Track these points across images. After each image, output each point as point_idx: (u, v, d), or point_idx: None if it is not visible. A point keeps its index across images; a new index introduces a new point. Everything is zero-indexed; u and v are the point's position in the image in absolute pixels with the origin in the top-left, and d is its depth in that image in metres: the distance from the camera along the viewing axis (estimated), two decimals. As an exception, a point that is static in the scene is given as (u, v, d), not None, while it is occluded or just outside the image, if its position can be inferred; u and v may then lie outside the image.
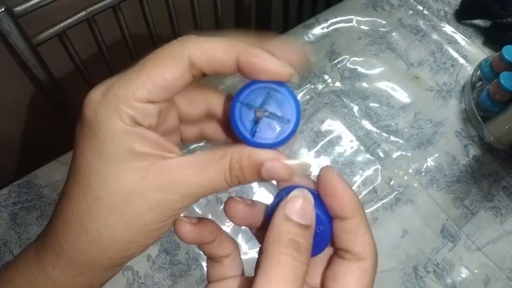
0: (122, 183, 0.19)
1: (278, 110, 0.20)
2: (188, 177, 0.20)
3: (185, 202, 0.20)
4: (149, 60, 0.19)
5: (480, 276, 0.51)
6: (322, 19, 0.70)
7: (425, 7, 0.73)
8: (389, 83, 0.65)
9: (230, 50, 0.19)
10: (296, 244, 0.19)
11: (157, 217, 0.20)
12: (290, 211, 0.20)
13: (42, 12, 0.52)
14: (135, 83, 0.19)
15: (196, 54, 0.19)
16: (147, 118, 0.20)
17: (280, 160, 0.20)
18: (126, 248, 0.21)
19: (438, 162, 0.58)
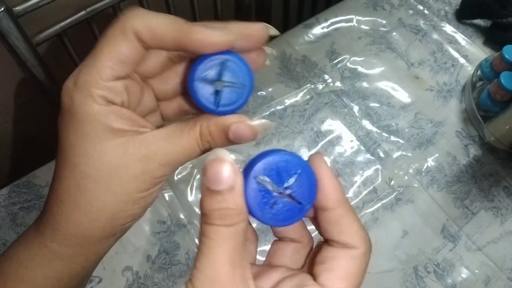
0: (106, 159, 0.21)
1: (233, 77, 0.22)
2: (165, 147, 0.22)
3: (165, 170, 0.22)
4: (103, 41, 0.21)
5: (481, 276, 0.51)
6: (322, 18, 0.70)
7: (426, 7, 0.73)
8: (389, 83, 0.65)
9: (170, 27, 0.21)
10: (222, 212, 0.19)
11: (141, 185, 0.22)
12: (207, 180, 0.20)
13: (41, 12, 0.52)
14: (97, 64, 0.21)
15: (140, 28, 0.21)
16: (118, 96, 0.21)
17: (244, 121, 0.21)
18: (116, 217, 0.22)
19: (439, 162, 0.58)
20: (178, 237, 0.51)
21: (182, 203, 0.53)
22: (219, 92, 0.22)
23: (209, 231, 0.19)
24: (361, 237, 0.22)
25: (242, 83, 0.22)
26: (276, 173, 0.21)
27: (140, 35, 0.21)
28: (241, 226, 0.20)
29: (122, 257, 0.49)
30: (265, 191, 0.21)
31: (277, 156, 0.21)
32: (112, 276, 0.48)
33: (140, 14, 0.21)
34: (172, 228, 0.51)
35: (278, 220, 0.21)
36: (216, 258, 0.19)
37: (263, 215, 0.21)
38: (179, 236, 0.51)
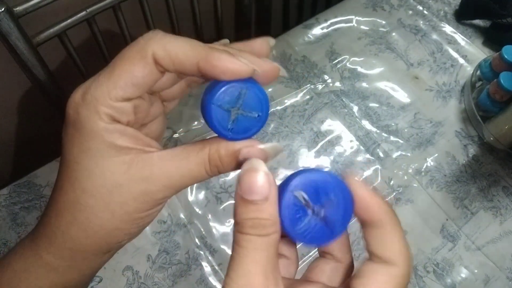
0: (107, 176, 0.21)
1: (249, 107, 0.22)
2: (170, 169, 0.21)
3: (167, 192, 0.22)
4: (119, 60, 0.21)
5: (480, 276, 0.51)
6: (322, 19, 0.70)
7: (425, 7, 0.73)
8: (389, 83, 0.65)
9: (191, 53, 0.21)
10: (255, 221, 0.19)
11: (141, 206, 0.22)
12: (241, 189, 0.20)
13: (42, 12, 0.52)
14: (109, 83, 0.20)
15: (159, 53, 0.20)
16: (124, 116, 0.21)
17: (255, 145, 0.22)
18: (112, 235, 0.22)
19: (438, 162, 0.58)
20: (178, 237, 0.51)
21: (182, 203, 0.53)
22: (235, 120, 0.22)
23: (242, 240, 0.19)
24: (404, 256, 0.21)
25: (258, 113, 0.22)
26: (314, 191, 0.21)
27: (159, 60, 0.20)
28: (274, 237, 0.20)
29: (122, 257, 0.49)
30: (300, 206, 0.21)
31: (318, 174, 0.21)
32: (113, 276, 0.48)
33: (161, 38, 0.21)
34: (172, 228, 0.51)
35: (305, 238, 0.21)
36: (250, 268, 0.19)
37: (293, 229, 0.21)
38: (179, 235, 0.51)
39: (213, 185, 0.54)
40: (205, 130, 0.58)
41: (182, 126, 0.57)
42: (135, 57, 0.21)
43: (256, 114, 0.22)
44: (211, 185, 0.54)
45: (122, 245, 0.24)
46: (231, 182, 0.54)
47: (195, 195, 0.53)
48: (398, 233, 0.21)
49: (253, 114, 0.22)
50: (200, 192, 0.54)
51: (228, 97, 0.21)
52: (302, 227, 0.21)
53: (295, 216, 0.21)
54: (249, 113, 0.22)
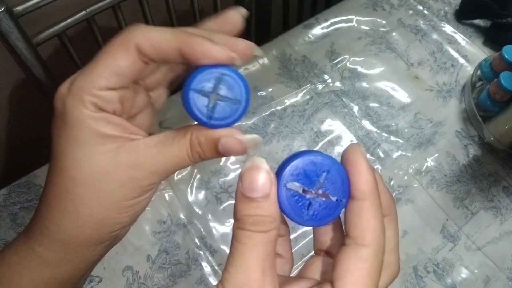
0: (95, 164, 0.21)
1: (229, 92, 0.22)
2: (155, 155, 0.22)
3: (153, 178, 0.22)
4: (103, 52, 0.21)
5: (480, 276, 0.51)
6: (322, 19, 0.70)
7: (425, 7, 0.73)
8: (389, 83, 0.65)
9: (172, 39, 0.21)
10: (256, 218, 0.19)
11: (128, 193, 0.22)
12: (243, 187, 0.20)
13: (41, 12, 0.52)
14: (93, 73, 0.21)
15: (142, 42, 0.21)
16: (109, 104, 0.22)
17: (234, 135, 0.22)
18: (103, 225, 0.23)
19: (438, 162, 0.58)
20: (178, 237, 0.51)
21: (182, 203, 0.53)
22: (214, 106, 0.22)
23: (242, 236, 0.20)
24: (374, 234, 0.20)
25: (238, 99, 0.22)
26: (305, 176, 0.21)
27: (142, 48, 0.21)
28: (273, 234, 0.20)
29: (122, 257, 0.49)
30: (298, 195, 0.21)
31: (302, 158, 0.21)
32: (112, 276, 0.48)
33: (142, 28, 0.21)
34: (172, 228, 0.51)
35: (317, 220, 0.21)
36: (248, 264, 0.19)
37: (301, 218, 0.21)
38: (179, 236, 0.51)
39: (213, 185, 0.54)
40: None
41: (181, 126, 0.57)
42: (118, 48, 0.21)
43: (236, 100, 0.22)
44: (211, 185, 0.54)
45: (115, 236, 0.24)
46: (231, 182, 0.54)
47: (195, 195, 0.53)
48: (376, 211, 0.20)
49: (232, 100, 0.22)
50: (200, 192, 0.54)
51: (206, 82, 0.21)
52: (308, 212, 0.21)
53: (297, 206, 0.21)
54: (229, 99, 0.22)
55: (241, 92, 0.22)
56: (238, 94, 0.22)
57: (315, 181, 0.21)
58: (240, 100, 0.22)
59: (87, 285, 0.47)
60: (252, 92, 0.61)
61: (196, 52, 0.21)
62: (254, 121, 0.59)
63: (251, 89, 0.62)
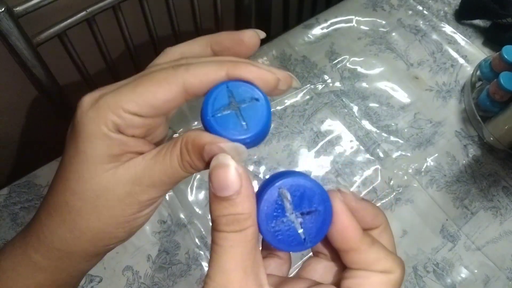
0: (96, 181, 0.21)
1: (247, 115, 0.21)
2: (151, 168, 0.21)
3: (151, 192, 0.22)
4: (144, 79, 0.21)
5: (480, 276, 0.51)
6: (322, 19, 0.70)
7: (425, 7, 0.73)
8: (389, 83, 0.65)
9: (220, 70, 0.21)
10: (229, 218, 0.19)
11: (127, 208, 0.22)
12: (213, 187, 0.19)
13: (42, 12, 0.52)
14: (127, 95, 0.20)
15: (190, 80, 0.20)
16: (131, 129, 0.21)
17: (217, 143, 0.21)
18: (99, 238, 0.22)
19: (438, 162, 0.58)
20: (178, 237, 0.51)
21: (182, 203, 0.53)
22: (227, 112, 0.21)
23: (218, 238, 0.19)
24: (394, 261, 0.21)
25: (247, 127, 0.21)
26: (300, 196, 0.20)
27: (190, 89, 0.20)
28: (250, 231, 0.19)
29: (123, 256, 0.49)
30: (280, 206, 0.20)
31: (309, 182, 0.20)
32: (113, 276, 0.48)
33: (188, 67, 0.21)
34: (172, 228, 0.51)
35: (274, 239, 0.20)
36: (227, 265, 0.19)
37: (265, 225, 0.20)
38: (179, 235, 0.51)
39: (213, 185, 0.54)
40: (205, 130, 0.58)
41: (183, 126, 0.57)
42: (162, 80, 0.20)
43: (245, 124, 0.21)
44: (211, 185, 0.54)
45: (110, 249, 0.24)
46: (231, 182, 0.54)
47: (195, 195, 0.54)
48: (376, 244, 0.21)
49: (242, 122, 0.21)
50: (200, 192, 0.54)
51: (241, 92, 0.21)
52: (274, 226, 0.20)
53: (272, 213, 0.20)
54: (241, 118, 0.21)
55: (257, 124, 0.21)
56: (252, 124, 0.21)
57: (303, 207, 0.20)
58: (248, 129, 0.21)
59: (87, 285, 0.47)
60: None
61: (244, 77, 0.21)
62: (254, 121, 0.59)
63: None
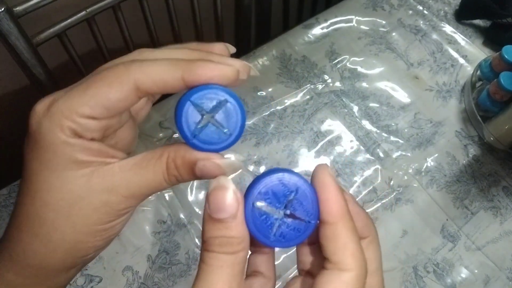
0: (68, 189, 0.20)
1: (224, 120, 0.21)
2: (130, 178, 0.21)
3: (129, 202, 0.22)
4: (95, 80, 0.20)
5: (480, 276, 0.51)
6: (322, 19, 0.70)
7: (425, 7, 0.73)
8: (389, 83, 0.65)
9: (173, 70, 0.20)
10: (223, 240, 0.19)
11: (103, 217, 0.21)
12: (210, 208, 0.19)
13: (42, 12, 0.52)
14: (79, 99, 0.20)
15: (142, 79, 0.20)
16: (89, 132, 0.20)
17: (212, 159, 0.21)
18: (76, 249, 0.22)
19: (438, 162, 0.58)
20: (178, 237, 0.51)
21: (182, 203, 0.53)
22: (204, 126, 0.21)
23: (207, 258, 0.19)
24: (356, 258, 0.20)
25: (230, 132, 0.21)
26: (273, 195, 0.21)
27: (141, 86, 0.20)
28: (241, 255, 0.19)
29: (122, 257, 0.49)
30: (265, 215, 0.20)
31: (270, 177, 0.21)
32: (112, 276, 0.48)
33: (140, 65, 0.20)
34: (172, 228, 0.51)
35: (284, 242, 0.21)
36: (214, 285, 0.19)
37: (268, 239, 0.20)
38: (179, 236, 0.51)
39: (213, 185, 0.54)
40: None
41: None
42: (113, 80, 0.20)
43: (227, 131, 0.21)
44: (211, 185, 0.54)
45: (89, 259, 0.23)
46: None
47: (195, 195, 0.53)
48: (352, 234, 0.20)
49: (223, 128, 0.21)
50: (200, 192, 0.54)
51: (207, 100, 0.20)
52: (275, 233, 0.20)
53: (264, 226, 0.20)
54: (221, 127, 0.21)
55: (236, 125, 0.21)
56: (232, 126, 0.21)
57: (283, 201, 0.21)
58: (231, 133, 0.21)
59: (87, 285, 0.47)
60: (252, 92, 0.61)
61: (202, 77, 0.20)
62: (254, 121, 0.59)
63: (251, 89, 0.62)
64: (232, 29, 0.82)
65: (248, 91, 0.61)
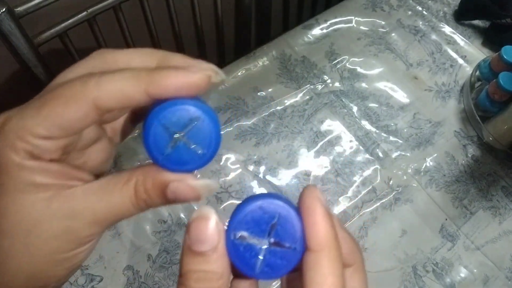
0: (25, 213, 0.19)
1: (196, 138, 0.19)
2: (94, 204, 0.19)
3: (93, 229, 0.20)
4: (51, 98, 0.19)
5: (479, 276, 0.51)
6: (321, 19, 0.71)
7: (424, 8, 0.73)
8: (388, 83, 0.65)
9: (135, 83, 0.18)
10: (200, 274, 0.18)
11: (64, 245, 0.20)
12: (190, 239, 0.18)
13: (43, 13, 0.52)
14: (33, 119, 0.18)
15: (101, 96, 0.18)
16: (46, 153, 0.19)
17: (185, 181, 0.19)
18: (35, 279, 0.20)
19: (437, 162, 0.59)
20: (178, 237, 0.51)
21: (182, 203, 0.53)
22: (174, 146, 0.19)
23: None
24: None
25: (203, 152, 0.19)
26: (254, 224, 0.19)
27: (101, 104, 0.18)
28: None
29: (123, 256, 0.49)
30: (248, 245, 0.19)
31: (250, 205, 0.19)
32: (113, 275, 0.48)
33: (98, 81, 0.18)
34: (173, 228, 0.51)
35: (271, 273, 0.19)
36: None
37: (253, 271, 0.19)
38: (179, 235, 0.51)
39: (213, 185, 0.54)
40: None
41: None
42: (69, 99, 0.18)
43: (200, 150, 0.19)
44: (211, 185, 0.54)
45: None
46: (231, 182, 0.54)
47: (195, 194, 0.54)
48: (333, 267, 0.18)
49: (196, 148, 0.19)
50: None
51: (176, 118, 0.19)
52: (261, 264, 0.19)
53: (247, 258, 0.19)
54: (193, 146, 0.19)
55: (210, 142, 0.19)
56: (205, 144, 0.19)
57: (265, 229, 0.19)
58: (205, 153, 0.19)
59: (88, 284, 0.47)
60: (252, 92, 0.62)
61: (168, 88, 0.18)
62: (254, 121, 0.59)
63: (251, 89, 0.62)
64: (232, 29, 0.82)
65: (248, 91, 0.62)
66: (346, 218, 0.53)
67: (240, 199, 0.53)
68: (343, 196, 0.55)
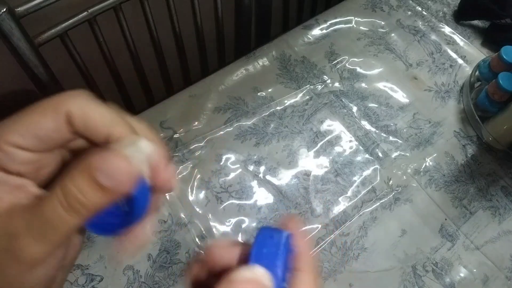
0: None
1: (130, 203, 0.19)
2: (27, 221, 0.18)
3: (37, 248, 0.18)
4: (31, 109, 0.19)
5: (479, 276, 0.52)
6: (321, 20, 0.71)
7: (424, 8, 0.74)
8: (388, 83, 0.65)
9: (107, 119, 0.19)
10: None
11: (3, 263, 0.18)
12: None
13: (43, 13, 0.52)
14: (10, 126, 0.18)
15: (74, 111, 0.19)
16: (15, 164, 0.19)
17: (115, 152, 0.19)
18: None
19: (437, 162, 0.59)
20: (178, 236, 0.51)
21: (182, 203, 0.53)
22: None
23: None
24: None
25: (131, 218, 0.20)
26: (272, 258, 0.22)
27: (73, 118, 0.19)
28: None
29: (123, 256, 0.49)
30: None
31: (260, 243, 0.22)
32: (113, 275, 0.48)
33: (80, 98, 0.19)
34: (173, 227, 0.51)
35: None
36: None
37: None
38: (179, 235, 0.51)
39: (213, 185, 0.54)
40: (205, 130, 0.58)
41: (183, 126, 0.58)
42: (48, 109, 0.19)
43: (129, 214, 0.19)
44: (211, 185, 0.54)
45: None
46: (231, 182, 0.55)
47: (196, 194, 0.54)
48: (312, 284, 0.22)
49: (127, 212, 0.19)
50: (200, 192, 0.54)
51: None
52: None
53: None
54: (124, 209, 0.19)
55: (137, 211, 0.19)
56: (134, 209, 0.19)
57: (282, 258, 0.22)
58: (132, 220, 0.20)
59: (88, 284, 0.47)
60: (252, 92, 0.62)
61: None
62: (254, 121, 0.59)
63: (251, 90, 0.62)
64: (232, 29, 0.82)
65: (248, 91, 0.62)
66: (346, 218, 0.53)
67: (240, 199, 0.53)
68: (342, 196, 0.55)
